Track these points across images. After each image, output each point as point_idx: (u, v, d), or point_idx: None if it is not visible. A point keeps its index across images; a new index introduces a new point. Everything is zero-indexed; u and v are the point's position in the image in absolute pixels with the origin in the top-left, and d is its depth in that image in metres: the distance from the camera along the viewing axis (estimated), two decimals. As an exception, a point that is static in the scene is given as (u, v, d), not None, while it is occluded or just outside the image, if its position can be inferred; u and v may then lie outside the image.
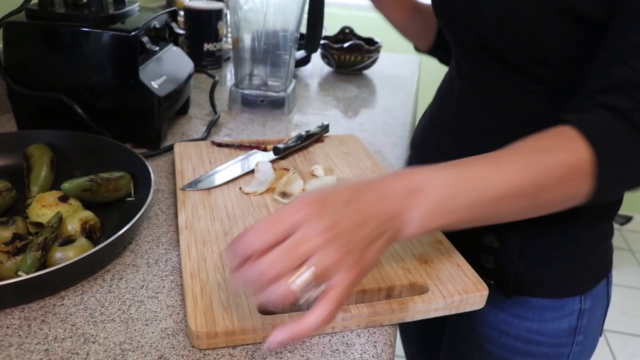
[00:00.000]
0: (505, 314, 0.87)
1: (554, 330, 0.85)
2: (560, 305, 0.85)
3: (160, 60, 1.06)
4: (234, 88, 1.26)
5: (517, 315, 0.86)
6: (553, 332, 0.86)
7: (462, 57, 0.86)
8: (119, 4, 1.02)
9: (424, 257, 0.72)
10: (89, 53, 0.94)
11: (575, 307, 0.85)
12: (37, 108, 0.99)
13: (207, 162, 0.93)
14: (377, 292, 0.66)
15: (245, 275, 0.50)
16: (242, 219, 0.77)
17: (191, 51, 1.52)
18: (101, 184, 0.79)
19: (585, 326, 0.86)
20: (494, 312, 0.87)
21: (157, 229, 0.79)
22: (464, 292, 0.66)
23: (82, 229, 0.71)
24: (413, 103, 1.46)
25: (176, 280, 0.69)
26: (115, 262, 0.71)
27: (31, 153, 0.86)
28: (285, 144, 0.97)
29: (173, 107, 1.08)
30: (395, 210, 0.54)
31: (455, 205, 0.57)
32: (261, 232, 0.50)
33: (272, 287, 0.49)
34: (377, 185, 0.56)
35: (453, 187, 0.57)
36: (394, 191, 0.55)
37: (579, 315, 0.85)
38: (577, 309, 0.85)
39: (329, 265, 0.49)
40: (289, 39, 1.23)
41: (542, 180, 0.58)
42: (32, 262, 0.64)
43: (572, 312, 0.85)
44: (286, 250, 0.49)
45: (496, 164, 0.59)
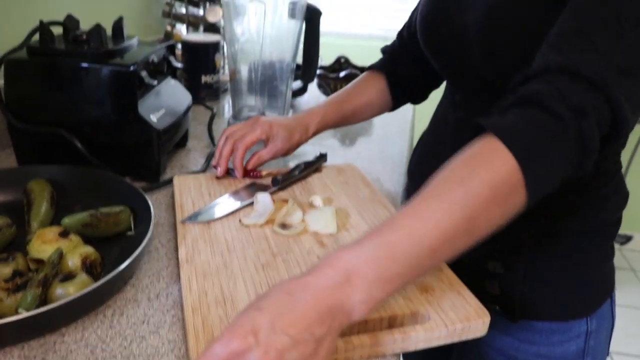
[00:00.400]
0: (512, 339, 0.86)
1: (563, 353, 0.85)
2: (567, 328, 0.85)
3: (158, 93, 1.07)
4: (231, 119, 1.27)
5: (525, 340, 0.86)
6: (561, 355, 0.85)
7: (455, 88, 0.87)
8: (118, 39, 1.03)
9: (425, 285, 0.72)
10: (88, 88, 0.95)
11: (582, 329, 0.85)
12: (37, 143, 1.00)
13: (206, 194, 0.93)
14: (379, 321, 0.66)
15: None
16: (242, 251, 0.77)
17: (189, 84, 1.53)
18: (101, 218, 0.80)
19: (593, 348, 0.86)
20: (500, 338, 0.87)
21: (157, 263, 0.79)
22: (466, 319, 0.66)
23: (83, 265, 0.71)
24: (409, 130, 1.47)
25: (177, 314, 0.68)
26: (116, 297, 0.71)
27: (31, 188, 0.87)
28: (283, 175, 0.97)
29: (172, 140, 1.09)
30: (334, 305, 0.52)
31: (392, 274, 0.54)
32: None
33: None
34: (306, 284, 0.53)
35: (381, 260, 0.54)
36: (325, 286, 0.52)
37: (586, 337, 0.85)
38: (584, 331, 0.85)
39: None
40: (285, 69, 1.24)
41: (472, 213, 0.56)
42: (32, 299, 0.64)
43: (580, 334, 0.85)
44: None
45: (417, 215, 0.56)
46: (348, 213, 0.90)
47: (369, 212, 0.90)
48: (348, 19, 3.27)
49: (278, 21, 1.18)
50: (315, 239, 0.82)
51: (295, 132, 0.99)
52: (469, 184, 0.56)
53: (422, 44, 0.90)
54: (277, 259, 0.76)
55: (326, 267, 0.54)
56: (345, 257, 0.54)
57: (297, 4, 1.18)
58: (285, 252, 0.78)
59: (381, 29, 3.18)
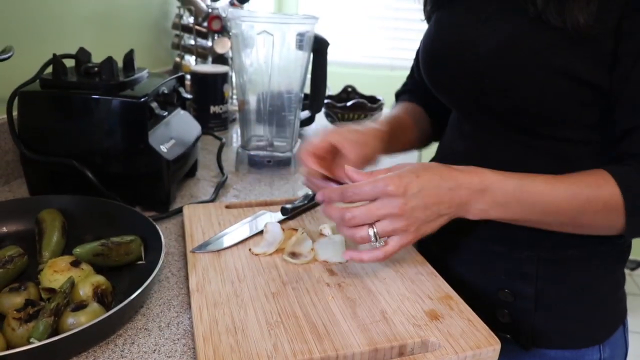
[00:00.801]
0: None
1: None
2: (580, 356, 0.84)
3: (168, 124, 1.08)
4: (240, 149, 1.28)
5: None
6: None
7: (463, 120, 0.87)
8: (129, 71, 1.05)
9: (435, 312, 0.72)
10: (100, 119, 0.96)
11: (594, 356, 0.84)
12: (48, 173, 1.01)
13: (216, 223, 0.94)
14: (389, 350, 0.66)
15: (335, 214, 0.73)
16: (252, 280, 0.77)
17: (198, 114, 1.55)
18: (112, 248, 0.80)
19: None
20: None
21: (168, 292, 0.79)
22: (476, 347, 0.66)
23: (94, 294, 0.72)
24: (417, 158, 1.48)
25: (188, 343, 0.68)
26: (127, 326, 0.71)
27: (43, 218, 0.88)
28: (292, 204, 0.98)
29: (181, 169, 1.10)
30: (463, 201, 0.71)
31: (511, 208, 0.72)
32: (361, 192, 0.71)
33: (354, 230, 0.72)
34: (456, 178, 0.72)
35: (514, 196, 0.72)
36: (466, 186, 0.71)
37: None
38: (597, 359, 0.84)
39: (391, 230, 0.71)
40: (293, 100, 1.25)
41: (583, 208, 0.71)
42: (44, 328, 0.64)
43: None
44: (370, 210, 0.70)
45: (552, 186, 0.72)
46: (357, 241, 0.90)
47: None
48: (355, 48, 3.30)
49: (286, 52, 1.20)
50: (325, 267, 0.82)
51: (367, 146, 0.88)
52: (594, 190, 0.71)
53: (428, 79, 0.90)
54: (287, 288, 0.76)
55: (475, 174, 0.72)
56: (491, 178, 0.72)
57: (305, 35, 1.20)
58: (295, 281, 0.78)
59: (387, 59, 3.21)
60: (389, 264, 0.83)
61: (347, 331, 0.67)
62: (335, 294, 0.75)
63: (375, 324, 0.69)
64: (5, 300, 0.70)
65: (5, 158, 1.11)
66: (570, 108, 0.74)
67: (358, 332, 0.67)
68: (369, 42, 3.32)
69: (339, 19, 3.28)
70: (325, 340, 0.65)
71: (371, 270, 0.81)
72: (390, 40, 3.29)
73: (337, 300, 0.74)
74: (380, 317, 0.70)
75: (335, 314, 0.71)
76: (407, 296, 0.75)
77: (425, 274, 0.81)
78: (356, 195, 0.71)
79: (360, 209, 0.71)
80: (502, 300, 0.84)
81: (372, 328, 0.68)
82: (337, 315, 0.70)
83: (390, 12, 3.26)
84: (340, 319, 0.70)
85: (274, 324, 0.68)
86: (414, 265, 0.83)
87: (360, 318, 0.70)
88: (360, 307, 0.72)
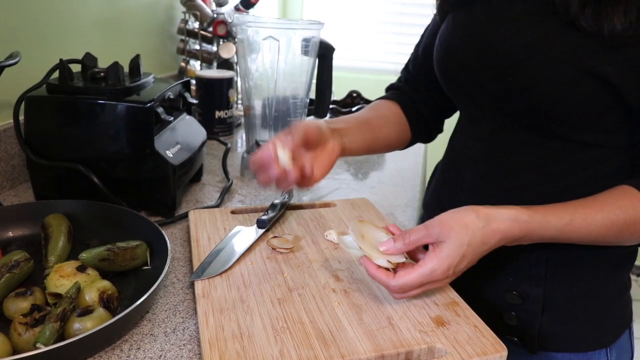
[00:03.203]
0: None
1: None
2: (587, 359, 0.84)
3: (174, 129, 1.09)
4: (245, 154, 1.28)
5: None
6: None
7: (478, 122, 0.86)
8: (135, 76, 1.05)
9: (441, 319, 0.72)
10: (106, 124, 0.97)
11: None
12: (54, 178, 1.01)
13: (221, 229, 0.93)
14: (396, 356, 0.66)
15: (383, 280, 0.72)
16: (258, 286, 0.77)
17: (203, 119, 1.55)
18: (118, 253, 0.80)
19: None
20: None
21: (173, 297, 0.79)
22: (482, 353, 0.66)
23: (100, 299, 0.72)
24: (422, 164, 1.48)
25: (194, 349, 0.68)
26: (132, 331, 0.71)
27: (49, 223, 0.88)
28: (266, 214, 0.96)
29: (187, 174, 1.10)
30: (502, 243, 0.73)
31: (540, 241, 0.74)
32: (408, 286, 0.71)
33: None
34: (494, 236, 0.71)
35: (551, 237, 0.73)
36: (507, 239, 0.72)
37: None
38: None
39: None
40: (298, 105, 1.25)
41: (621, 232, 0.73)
42: (50, 333, 0.64)
43: None
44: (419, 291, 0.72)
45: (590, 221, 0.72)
46: (363, 247, 0.90)
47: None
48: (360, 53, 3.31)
49: (291, 57, 1.20)
50: (331, 273, 0.82)
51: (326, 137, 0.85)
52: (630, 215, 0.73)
53: (444, 79, 0.89)
54: (293, 294, 0.76)
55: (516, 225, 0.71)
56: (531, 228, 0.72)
57: (310, 41, 1.20)
58: (301, 287, 0.78)
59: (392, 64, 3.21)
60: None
61: (353, 337, 0.67)
62: (341, 300, 0.75)
63: (382, 330, 0.69)
64: (12, 305, 0.71)
65: (12, 162, 1.11)
66: (592, 111, 0.74)
67: (364, 338, 0.67)
68: (373, 48, 3.33)
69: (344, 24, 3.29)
70: (331, 346, 0.65)
71: (377, 276, 0.81)
72: (395, 45, 3.29)
73: (343, 306, 0.74)
74: (386, 323, 0.70)
75: (342, 320, 0.70)
76: (413, 302, 0.75)
77: (432, 280, 0.81)
78: (404, 290, 0.71)
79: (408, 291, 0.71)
80: (510, 303, 0.84)
81: (378, 334, 0.68)
82: (343, 321, 0.70)
83: (396, 17, 3.27)
84: (347, 325, 0.69)
85: (280, 330, 0.68)
86: (420, 271, 0.83)
87: (366, 324, 0.70)
88: (367, 313, 0.72)
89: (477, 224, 0.70)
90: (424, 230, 0.72)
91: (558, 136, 0.78)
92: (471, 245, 0.70)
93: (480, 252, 0.71)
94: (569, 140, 0.77)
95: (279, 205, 0.99)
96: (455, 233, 0.70)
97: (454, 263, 0.69)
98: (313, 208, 1.05)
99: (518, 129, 0.80)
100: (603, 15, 0.67)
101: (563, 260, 0.82)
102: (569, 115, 0.75)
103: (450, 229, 0.70)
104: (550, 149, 0.79)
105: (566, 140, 0.77)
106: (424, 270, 0.69)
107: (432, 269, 0.69)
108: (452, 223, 0.71)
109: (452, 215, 0.72)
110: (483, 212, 0.71)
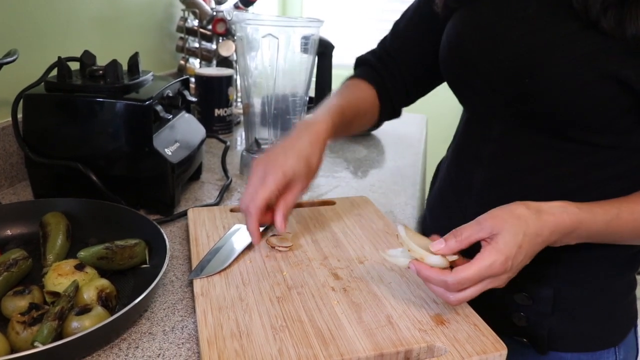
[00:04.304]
0: None
1: None
2: (596, 359, 0.84)
3: (173, 127, 1.08)
4: (245, 153, 1.28)
5: None
6: None
7: (488, 121, 0.85)
8: (134, 74, 1.05)
9: (441, 317, 0.72)
10: (104, 122, 0.96)
11: (610, 359, 0.84)
12: (53, 176, 1.01)
13: (220, 227, 0.93)
14: (395, 355, 0.65)
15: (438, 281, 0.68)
16: (257, 284, 0.77)
17: (202, 116, 1.55)
18: (117, 251, 0.80)
19: None
20: None
21: (172, 295, 0.79)
22: (482, 352, 0.66)
23: (99, 298, 0.71)
24: (422, 162, 1.48)
25: (193, 348, 0.68)
26: (131, 330, 0.71)
27: (47, 221, 0.87)
28: None
29: (186, 173, 1.10)
30: (552, 242, 0.71)
31: (592, 239, 0.74)
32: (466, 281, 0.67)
33: None
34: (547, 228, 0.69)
35: (598, 233, 0.72)
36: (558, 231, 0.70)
37: None
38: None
39: None
40: (298, 103, 1.25)
41: None
42: (48, 332, 0.63)
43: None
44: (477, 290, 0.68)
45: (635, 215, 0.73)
46: (362, 246, 0.89)
47: (383, 245, 0.90)
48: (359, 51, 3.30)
49: (291, 55, 1.19)
50: (330, 271, 0.82)
51: (312, 158, 0.81)
52: None
53: (452, 80, 0.88)
54: (292, 292, 0.76)
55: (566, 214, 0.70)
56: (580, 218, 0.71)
57: (310, 38, 1.19)
58: (300, 285, 0.77)
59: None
60: (394, 267, 0.83)
61: (352, 336, 0.67)
62: (340, 299, 0.75)
63: (381, 328, 0.69)
64: (10, 303, 0.70)
65: (10, 161, 1.10)
66: (608, 114, 0.72)
67: (364, 337, 0.67)
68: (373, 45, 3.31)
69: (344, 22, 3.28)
70: (330, 345, 0.65)
71: (376, 275, 0.81)
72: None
73: (342, 304, 0.73)
74: (385, 322, 0.70)
75: (341, 319, 0.70)
76: (413, 301, 0.75)
77: (431, 278, 0.81)
78: (462, 286, 0.67)
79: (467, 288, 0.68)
80: (519, 304, 0.84)
81: (377, 333, 0.68)
82: (342, 319, 0.70)
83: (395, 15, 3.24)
84: (346, 324, 0.69)
85: (279, 329, 0.68)
86: (420, 269, 0.83)
87: (365, 323, 0.70)
88: (366, 312, 0.72)
89: (529, 215, 0.69)
90: (476, 225, 0.69)
91: (571, 138, 0.77)
92: (527, 236, 0.68)
93: (534, 244, 0.69)
94: (581, 142, 0.76)
95: None
96: (509, 224, 0.68)
97: (512, 254, 0.67)
98: (312, 206, 1.05)
99: (530, 130, 0.79)
100: (626, 18, 0.65)
101: (573, 260, 0.81)
102: (584, 118, 0.74)
103: (504, 221, 0.68)
104: (563, 151, 0.78)
105: (579, 142, 0.76)
106: (483, 262, 0.66)
107: (491, 262, 0.66)
108: (504, 215, 0.69)
109: (502, 209, 0.70)
110: (532, 205, 0.70)
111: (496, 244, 0.67)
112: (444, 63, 0.88)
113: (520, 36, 0.75)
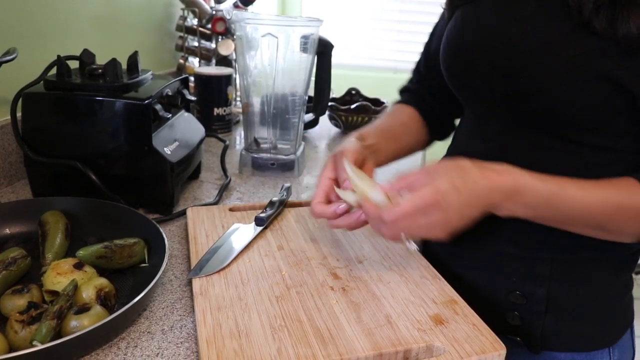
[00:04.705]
0: None
1: None
2: (590, 359, 0.84)
3: (172, 126, 1.08)
4: (244, 152, 1.28)
5: None
6: None
7: (485, 122, 0.86)
8: (133, 73, 1.05)
9: (439, 317, 0.72)
10: (104, 121, 0.96)
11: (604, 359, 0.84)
12: (51, 175, 1.01)
13: (219, 226, 0.93)
14: (394, 355, 0.65)
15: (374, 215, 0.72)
16: (256, 284, 0.77)
17: (201, 115, 1.55)
18: (116, 250, 0.80)
19: None
20: None
21: (171, 295, 0.79)
22: (481, 351, 0.66)
23: (97, 297, 0.71)
24: (421, 161, 1.48)
25: (192, 347, 0.68)
26: (130, 329, 0.71)
27: (46, 220, 0.87)
28: (265, 211, 0.96)
29: (185, 172, 1.10)
30: (494, 204, 0.71)
31: (539, 210, 0.73)
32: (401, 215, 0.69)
33: None
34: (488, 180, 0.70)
35: (545, 200, 0.71)
36: (498, 189, 0.70)
37: None
38: None
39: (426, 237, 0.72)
40: (297, 102, 1.25)
41: (613, 214, 0.72)
42: (47, 331, 0.63)
43: None
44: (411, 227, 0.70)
45: (585, 191, 0.71)
46: (362, 245, 0.89)
47: (383, 244, 0.90)
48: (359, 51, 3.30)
49: (290, 54, 1.19)
50: (329, 270, 0.82)
51: None
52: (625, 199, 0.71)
53: (451, 78, 0.88)
54: (291, 292, 0.76)
55: (509, 175, 0.71)
56: (524, 180, 0.71)
57: (309, 38, 1.19)
58: (299, 285, 0.77)
59: (391, 61, 3.21)
60: (393, 267, 0.83)
61: (351, 336, 0.67)
62: (339, 298, 0.75)
63: (380, 328, 0.69)
64: (8, 302, 0.70)
65: (9, 159, 1.10)
66: (603, 114, 0.73)
67: (362, 336, 0.67)
68: (373, 45, 3.32)
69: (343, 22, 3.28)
70: (329, 344, 0.65)
71: (375, 274, 0.81)
72: (394, 42, 3.29)
73: (341, 304, 0.73)
74: (384, 322, 0.70)
75: (340, 318, 0.70)
76: (412, 300, 0.75)
77: (430, 277, 0.81)
78: (396, 218, 0.70)
79: (402, 223, 0.70)
80: (513, 303, 0.84)
81: (376, 332, 0.68)
82: (341, 319, 0.70)
83: (394, 14, 3.26)
84: (345, 324, 0.69)
85: (278, 328, 0.68)
86: (419, 269, 0.83)
87: (364, 322, 0.70)
88: (365, 312, 0.72)
89: (472, 166, 0.71)
90: (421, 171, 0.73)
91: (567, 138, 0.77)
92: (465, 182, 0.69)
93: (472, 190, 0.70)
94: (578, 142, 0.76)
95: (277, 202, 0.99)
96: (449, 169, 0.71)
97: (444, 188, 0.68)
98: (311, 206, 1.05)
99: (526, 130, 0.80)
100: (618, 18, 0.65)
101: (568, 260, 0.81)
102: (580, 118, 0.74)
103: (446, 167, 0.72)
104: (559, 151, 0.78)
105: (575, 143, 0.77)
106: (416, 195, 0.69)
107: (422, 194, 0.68)
108: (449, 164, 0.72)
109: (449, 160, 0.73)
110: (479, 161, 0.72)
111: (432, 182, 0.70)
112: (444, 62, 0.88)
113: (518, 36, 0.75)
